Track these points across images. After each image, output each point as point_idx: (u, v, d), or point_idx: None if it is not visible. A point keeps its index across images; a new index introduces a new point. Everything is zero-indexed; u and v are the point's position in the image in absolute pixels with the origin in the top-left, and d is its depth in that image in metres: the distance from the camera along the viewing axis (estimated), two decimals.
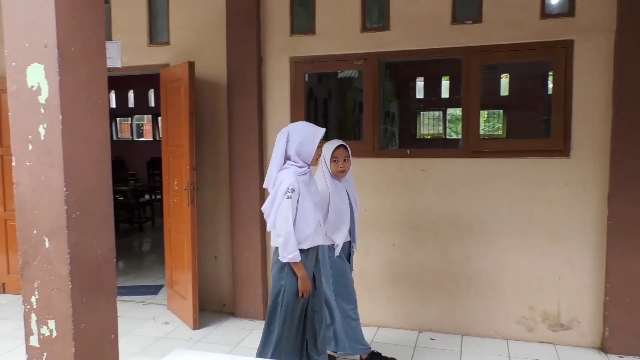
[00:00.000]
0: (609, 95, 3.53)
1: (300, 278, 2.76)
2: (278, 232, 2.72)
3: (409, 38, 3.91)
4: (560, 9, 3.64)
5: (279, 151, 2.81)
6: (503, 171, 3.82)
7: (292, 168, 2.78)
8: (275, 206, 2.73)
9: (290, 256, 2.69)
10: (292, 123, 2.94)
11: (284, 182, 2.71)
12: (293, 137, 2.79)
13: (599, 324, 3.69)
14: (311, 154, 2.79)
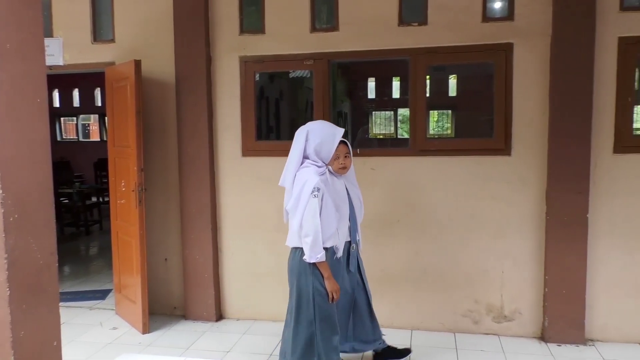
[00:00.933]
0: (546, 96, 3.70)
1: (327, 278, 2.75)
2: (306, 232, 2.68)
3: (357, 39, 3.97)
4: (501, 13, 3.80)
5: (297, 150, 2.80)
6: (449, 169, 3.94)
7: (312, 167, 2.76)
8: (301, 206, 2.69)
9: (318, 256, 2.67)
10: (311, 122, 2.90)
11: (309, 181, 2.68)
12: (312, 136, 2.77)
13: (539, 315, 3.87)
14: (330, 152, 2.79)
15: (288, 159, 2.85)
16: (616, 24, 3.57)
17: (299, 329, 2.83)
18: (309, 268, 2.75)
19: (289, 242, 2.87)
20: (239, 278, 4.38)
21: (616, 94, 3.62)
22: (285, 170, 2.85)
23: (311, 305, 2.76)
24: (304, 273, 2.77)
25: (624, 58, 3.58)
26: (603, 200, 3.71)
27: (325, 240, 2.72)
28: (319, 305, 2.77)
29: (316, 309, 2.77)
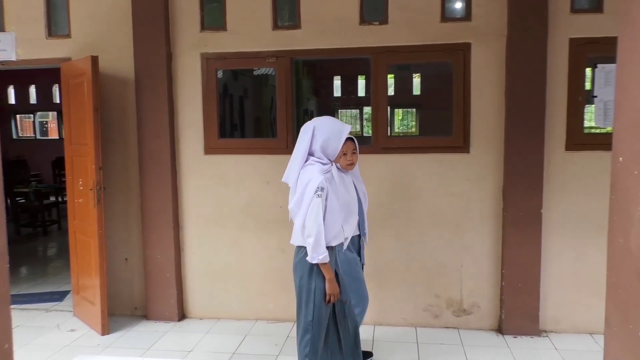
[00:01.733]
0: (502, 95, 3.80)
1: (328, 281, 2.68)
2: (308, 233, 2.61)
3: (319, 37, 3.99)
4: (458, 13, 3.88)
5: (302, 146, 2.72)
6: (410, 166, 4.00)
7: (316, 165, 2.69)
8: (304, 206, 2.62)
9: (320, 257, 2.61)
10: (318, 118, 2.82)
11: (313, 181, 2.61)
12: (319, 132, 2.69)
13: (497, 308, 3.99)
14: (337, 150, 2.72)
15: (293, 156, 2.78)
16: (567, 26, 3.70)
17: (302, 328, 2.79)
18: (312, 267, 2.69)
19: (293, 240, 2.82)
20: (202, 277, 4.34)
21: (568, 93, 3.75)
22: (289, 167, 2.79)
23: (311, 305, 2.72)
24: (307, 272, 2.71)
25: (575, 58, 3.71)
26: (556, 196, 3.84)
27: (330, 240, 2.68)
28: (318, 305, 2.71)
29: (315, 309, 2.71)
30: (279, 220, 4.16)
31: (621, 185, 1.70)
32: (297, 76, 13.39)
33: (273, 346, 3.79)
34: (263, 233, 4.22)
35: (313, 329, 2.72)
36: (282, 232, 4.17)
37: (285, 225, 4.14)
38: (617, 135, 1.72)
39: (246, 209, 4.23)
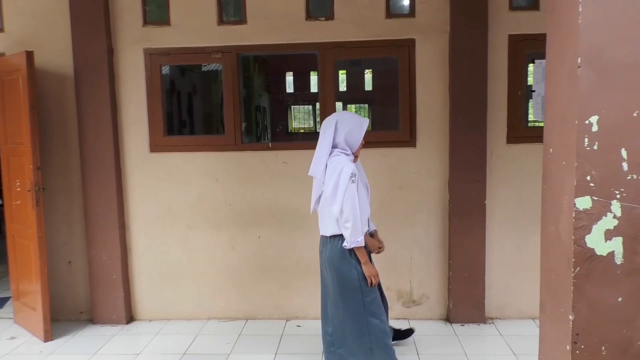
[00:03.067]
0: (446, 90, 3.90)
1: (364, 263, 2.77)
2: (346, 217, 2.69)
3: (265, 32, 3.96)
4: (403, 10, 3.94)
5: (327, 139, 2.83)
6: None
7: (342, 156, 2.81)
8: (340, 192, 2.69)
9: (358, 240, 2.69)
10: (338, 112, 2.96)
11: (345, 168, 2.71)
12: (342, 125, 2.82)
13: (445, 298, 4.09)
14: (358, 141, 2.86)
15: (318, 149, 2.87)
16: (506, 23, 3.83)
17: (347, 317, 2.84)
18: (349, 255, 2.77)
19: (325, 231, 2.87)
20: (150, 278, 4.24)
21: (508, 88, 3.88)
22: (316, 161, 2.88)
23: (358, 292, 2.78)
24: (347, 261, 2.77)
25: (514, 54, 3.84)
26: (499, 187, 3.97)
27: (362, 226, 2.77)
28: (365, 290, 2.79)
29: (364, 294, 2.79)
30: (230, 217, 4.12)
31: (551, 176, 1.77)
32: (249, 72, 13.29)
33: (225, 345, 3.75)
34: (213, 231, 4.16)
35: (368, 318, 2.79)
36: (232, 229, 4.14)
37: (236, 222, 4.13)
38: (547, 128, 1.80)
39: (195, 207, 4.16)
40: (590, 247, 1.59)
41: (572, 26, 1.55)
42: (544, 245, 1.86)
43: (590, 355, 1.62)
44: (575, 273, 1.60)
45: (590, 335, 1.62)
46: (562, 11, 1.63)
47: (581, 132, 1.55)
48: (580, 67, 1.52)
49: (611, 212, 1.57)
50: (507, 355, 3.47)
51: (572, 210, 1.58)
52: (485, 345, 3.66)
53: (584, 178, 1.56)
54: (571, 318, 1.62)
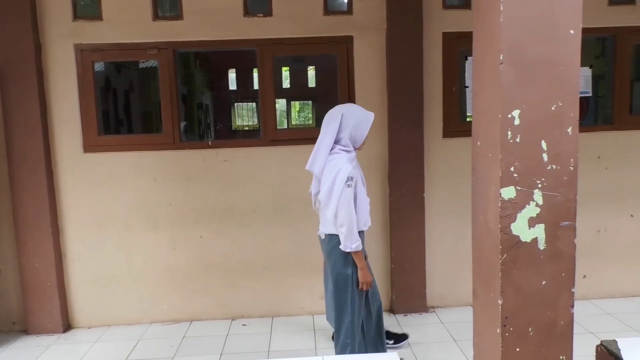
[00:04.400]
0: (384, 87, 3.97)
1: (361, 269, 2.71)
2: (341, 222, 2.63)
3: (203, 28, 3.89)
4: (340, 7, 3.98)
5: (330, 134, 2.69)
6: (299, 158, 4.01)
7: (342, 154, 2.70)
8: (335, 196, 2.61)
9: (353, 246, 2.64)
10: (343, 105, 2.82)
11: (342, 171, 2.62)
12: (348, 120, 2.69)
13: (388, 289, 4.18)
14: (363, 137, 2.76)
15: (318, 144, 2.74)
16: (440, 21, 3.95)
17: (340, 315, 2.80)
18: (346, 256, 2.73)
19: (323, 230, 2.81)
20: (88, 283, 4.08)
21: (443, 84, 4.01)
22: (315, 156, 2.75)
23: (349, 292, 2.75)
24: (344, 259, 2.73)
25: (448, 51, 3.97)
26: (437, 181, 4.10)
27: (362, 225, 2.74)
28: (354, 290, 2.76)
29: (352, 293, 2.76)
30: (170, 217, 4.03)
31: (479, 168, 1.85)
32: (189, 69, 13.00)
33: (168, 348, 3.67)
34: (153, 232, 4.05)
35: (352, 314, 2.76)
36: (173, 229, 4.05)
37: (176, 222, 4.04)
38: (475, 122, 1.87)
39: (133, 208, 4.04)
40: (516, 234, 1.67)
41: (495, 24, 1.62)
42: (475, 234, 1.94)
43: (519, 336, 1.70)
44: (503, 260, 1.68)
45: (518, 318, 1.70)
46: (485, 10, 1.70)
47: (504, 125, 1.62)
48: (502, 63, 1.59)
49: (534, 201, 1.65)
50: (447, 342, 3.60)
51: (498, 200, 1.65)
52: (427, 333, 3.77)
53: (508, 169, 1.63)
54: (500, 302, 1.70)
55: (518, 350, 1.70)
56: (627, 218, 4.23)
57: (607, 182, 4.18)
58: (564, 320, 1.70)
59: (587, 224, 4.18)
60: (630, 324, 3.76)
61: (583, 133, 4.21)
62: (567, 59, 1.59)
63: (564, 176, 1.64)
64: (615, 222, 4.22)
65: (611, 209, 4.20)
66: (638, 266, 4.27)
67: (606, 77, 4.32)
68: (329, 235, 2.79)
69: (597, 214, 4.19)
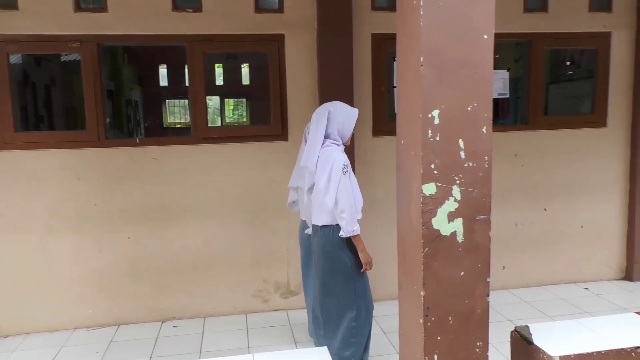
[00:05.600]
0: (316, 85, 4.02)
1: (362, 250, 2.82)
2: (342, 208, 2.72)
3: (129, 22, 3.76)
4: (271, 5, 3.97)
5: (320, 130, 2.85)
6: (232, 156, 4.02)
7: (334, 146, 2.85)
8: (333, 184, 2.72)
9: (355, 228, 2.74)
10: (329, 103, 2.99)
11: (338, 160, 2.75)
12: (335, 116, 2.88)
13: None
14: (350, 131, 2.92)
15: (311, 140, 2.89)
16: (369, 22, 4.04)
17: (333, 303, 2.90)
18: (343, 244, 2.82)
19: (317, 221, 2.88)
20: (4, 289, 3.84)
21: (372, 84, 4.11)
22: (309, 152, 2.87)
23: (350, 277, 2.84)
24: (339, 249, 2.82)
25: (377, 52, 4.08)
26: (367, 178, 4.19)
27: (357, 213, 2.82)
28: (356, 275, 2.86)
29: (355, 279, 2.86)
30: (95, 218, 3.88)
31: (403, 165, 1.93)
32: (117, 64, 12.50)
33: (93, 354, 3.53)
34: (76, 234, 3.88)
35: (358, 302, 2.86)
36: (98, 231, 3.89)
37: (102, 223, 3.89)
38: (399, 121, 1.95)
39: (55, 209, 3.84)
40: (436, 228, 1.75)
41: (415, 28, 1.69)
42: (400, 229, 2.01)
43: (440, 325, 1.79)
44: (425, 253, 1.76)
45: (438, 308, 1.79)
46: (407, 14, 1.77)
47: (425, 124, 1.70)
48: (422, 65, 1.66)
49: (452, 196, 1.74)
50: (378, 335, 3.70)
51: (420, 195, 1.73)
52: None
53: (429, 166, 1.71)
54: (422, 294, 1.78)
55: (439, 339, 1.79)
56: (541, 212, 4.53)
57: (523, 179, 4.46)
58: (481, 308, 1.81)
59: (506, 217, 4.45)
60: (544, 311, 4.03)
61: (502, 132, 4.50)
62: (482, 62, 1.69)
63: (480, 173, 1.75)
64: (531, 216, 4.51)
65: (527, 203, 4.49)
66: (551, 257, 4.59)
67: (523, 80, 4.60)
68: (323, 227, 2.87)
69: (515, 208, 4.46)
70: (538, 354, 1.80)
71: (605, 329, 1.88)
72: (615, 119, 4.54)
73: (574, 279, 4.65)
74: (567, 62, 5.49)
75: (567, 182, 4.53)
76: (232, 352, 3.47)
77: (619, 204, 4.64)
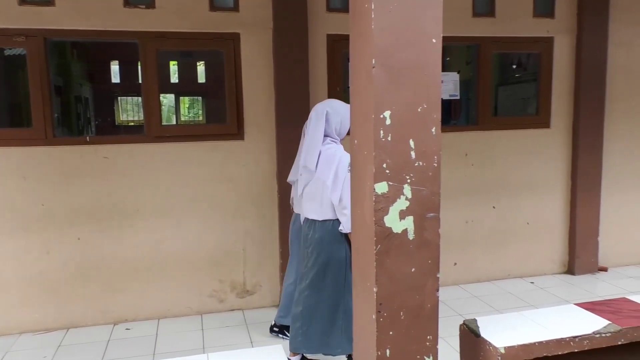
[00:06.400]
0: (272, 84, 4.02)
1: None
2: (344, 205, 2.81)
3: (78, 16, 3.65)
4: (227, 3, 3.95)
5: (319, 130, 2.93)
6: (186, 155, 3.97)
7: (333, 144, 2.94)
8: (340, 181, 2.81)
9: None
10: (327, 102, 3.08)
11: (343, 158, 2.84)
12: (333, 117, 2.96)
13: (277, 285, 4.24)
14: (347, 128, 2.96)
15: (309, 141, 2.95)
16: (324, 23, 4.08)
17: (323, 296, 2.98)
18: (341, 237, 2.92)
19: (317, 216, 2.95)
20: None
21: (328, 84, 4.15)
22: (309, 152, 2.94)
23: (342, 270, 2.93)
24: (337, 242, 2.92)
25: (332, 53, 4.12)
26: None
27: None
28: (349, 272, 2.91)
29: (347, 272, 2.94)
30: (42, 219, 3.75)
31: (357, 164, 1.96)
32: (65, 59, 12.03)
33: (41, 359, 3.41)
34: (22, 235, 3.73)
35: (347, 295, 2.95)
36: (46, 232, 3.77)
37: (50, 223, 3.77)
38: (352, 122, 1.98)
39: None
40: (389, 226, 1.80)
41: (367, 30, 1.73)
42: (354, 228, 2.05)
43: (392, 321, 1.84)
44: (377, 250, 1.81)
45: (390, 304, 1.84)
46: (359, 16, 1.82)
47: (377, 125, 1.74)
48: (374, 67, 1.70)
49: (404, 195, 1.79)
50: None
51: (373, 194, 1.77)
52: None
53: (381, 166, 1.76)
54: (375, 290, 1.82)
55: (391, 334, 1.84)
56: (490, 209, 4.70)
57: (473, 177, 4.61)
58: (431, 303, 1.87)
59: (457, 215, 4.59)
60: (493, 305, 4.19)
61: (453, 132, 4.64)
62: (431, 65, 1.75)
63: (429, 172, 1.80)
64: (481, 214, 4.68)
65: (477, 201, 4.65)
66: (499, 253, 4.77)
67: (473, 82, 4.76)
68: (321, 222, 2.95)
69: (465, 206, 4.61)
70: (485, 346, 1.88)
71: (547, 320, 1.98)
72: (558, 120, 4.77)
73: (521, 273, 4.85)
74: (514, 65, 5.71)
75: (515, 181, 4.72)
76: (187, 352, 3.43)
77: (562, 201, 4.87)
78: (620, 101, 4.84)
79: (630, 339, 1.83)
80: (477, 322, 2.07)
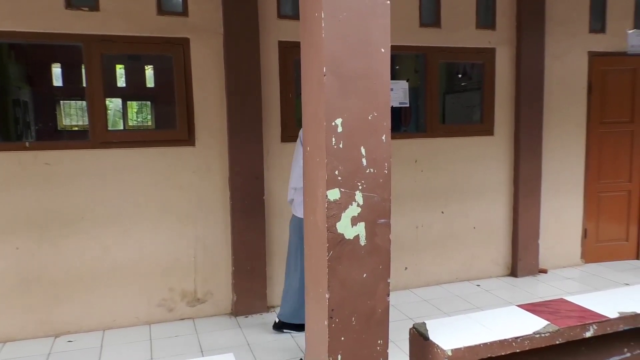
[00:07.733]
0: (223, 90, 3.98)
1: None
2: None
3: (15, 18, 3.49)
4: (175, 7, 3.88)
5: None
6: (134, 161, 3.87)
7: None
8: None
9: None
10: None
11: None
12: None
13: (229, 292, 4.19)
14: None
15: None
16: (276, 29, 4.09)
17: None
18: None
19: None
20: None
21: (280, 90, 4.15)
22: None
23: None
24: None
25: (284, 59, 4.13)
26: (276, 183, 4.23)
27: None
28: None
29: None
30: None
31: (309, 171, 1.97)
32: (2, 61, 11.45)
33: None
34: None
35: None
36: None
37: None
38: (305, 129, 1.99)
39: None
40: (341, 232, 1.82)
41: (318, 39, 1.75)
42: (307, 234, 2.05)
43: (343, 326, 1.86)
44: (330, 256, 1.82)
45: (342, 309, 1.85)
46: (310, 25, 1.83)
47: (329, 132, 1.76)
48: (325, 75, 1.72)
49: (355, 201, 1.82)
50: (286, 339, 3.73)
51: (325, 201, 1.79)
52: (266, 332, 3.86)
53: (333, 173, 1.78)
54: (327, 296, 1.83)
55: (343, 339, 1.85)
56: (439, 214, 4.83)
57: (422, 183, 4.73)
58: (382, 308, 1.90)
59: (408, 220, 4.69)
60: (441, 308, 4.30)
61: (403, 139, 4.75)
62: (379, 74, 1.79)
63: (380, 178, 1.84)
64: (430, 219, 4.80)
65: (427, 206, 4.77)
66: (448, 256, 4.91)
67: (422, 90, 4.89)
68: None
69: (415, 211, 4.72)
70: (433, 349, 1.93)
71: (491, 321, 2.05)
72: (501, 128, 4.97)
73: (468, 276, 5.00)
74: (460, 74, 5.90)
75: (462, 186, 4.88)
76: None
77: (506, 206, 5.07)
78: (556, 111, 5.10)
79: (567, 338, 1.93)
80: (426, 325, 2.11)
